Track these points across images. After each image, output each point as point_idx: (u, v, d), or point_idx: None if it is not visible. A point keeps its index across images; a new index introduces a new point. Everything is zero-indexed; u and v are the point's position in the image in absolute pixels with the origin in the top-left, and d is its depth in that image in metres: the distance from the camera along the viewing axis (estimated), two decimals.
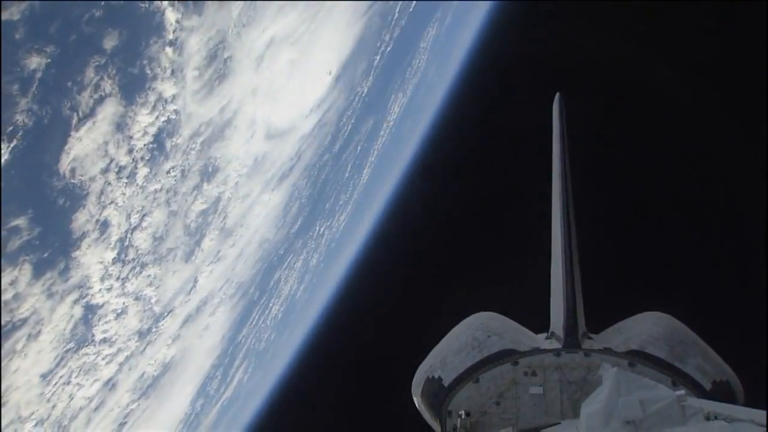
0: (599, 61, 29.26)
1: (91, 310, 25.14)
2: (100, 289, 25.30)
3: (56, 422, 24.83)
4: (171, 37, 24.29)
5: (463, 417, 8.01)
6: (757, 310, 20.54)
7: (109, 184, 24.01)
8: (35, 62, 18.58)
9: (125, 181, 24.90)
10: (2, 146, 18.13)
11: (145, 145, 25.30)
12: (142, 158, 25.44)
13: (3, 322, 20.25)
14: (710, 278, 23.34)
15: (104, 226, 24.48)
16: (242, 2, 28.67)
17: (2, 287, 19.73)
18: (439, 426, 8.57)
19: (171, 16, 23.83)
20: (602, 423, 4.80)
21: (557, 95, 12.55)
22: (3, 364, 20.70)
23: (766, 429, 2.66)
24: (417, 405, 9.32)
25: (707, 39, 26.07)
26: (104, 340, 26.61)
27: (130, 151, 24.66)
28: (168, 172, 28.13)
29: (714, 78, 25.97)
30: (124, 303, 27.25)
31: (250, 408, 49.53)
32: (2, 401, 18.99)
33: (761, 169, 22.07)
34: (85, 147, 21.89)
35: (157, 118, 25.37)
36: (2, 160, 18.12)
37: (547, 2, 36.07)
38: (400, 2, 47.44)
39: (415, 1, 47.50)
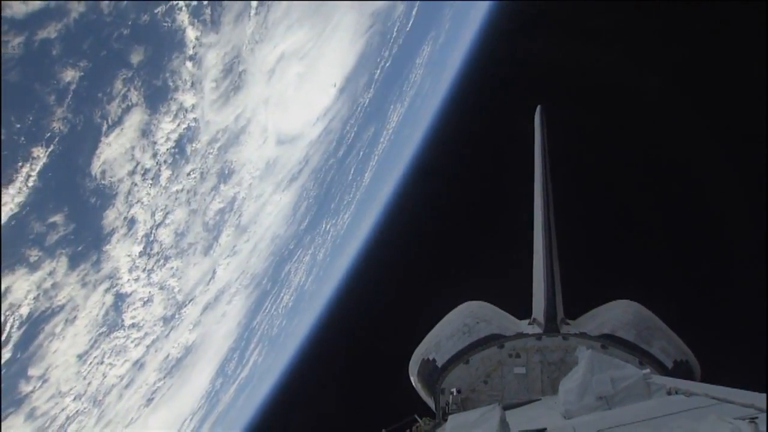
0: (584, 69, 28.74)
1: (120, 298, 25.18)
2: (129, 280, 25.32)
3: (92, 397, 24.96)
4: (191, 52, 24.24)
5: (454, 394, 8.13)
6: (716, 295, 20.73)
7: (136, 185, 23.99)
8: (70, 75, 18.57)
9: (150, 182, 24.87)
10: (40, 151, 18.14)
11: (167, 149, 25.27)
12: (165, 162, 25.41)
13: (43, 308, 20.31)
14: (676, 270, 23.51)
15: (131, 222, 24.49)
16: (255, 21, 28.58)
17: (42, 276, 19.78)
18: (433, 402, 8.69)
19: (191, 33, 23.78)
20: (578, 398, 4.92)
21: (539, 108, 12.62)
22: (44, 344, 20.79)
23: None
24: (414, 384, 9.43)
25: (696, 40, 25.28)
26: (133, 325, 26.66)
27: (155, 155, 24.63)
28: (188, 174, 28.09)
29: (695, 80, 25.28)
30: (150, 292, 27.26)
31: (265, 386, 49.67)
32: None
33: (733, 167, 21.76)
34: (114, 151, 21.88)
35: (178, 125, 25.32)
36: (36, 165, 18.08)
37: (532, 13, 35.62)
38: (398, 24, 47.35)
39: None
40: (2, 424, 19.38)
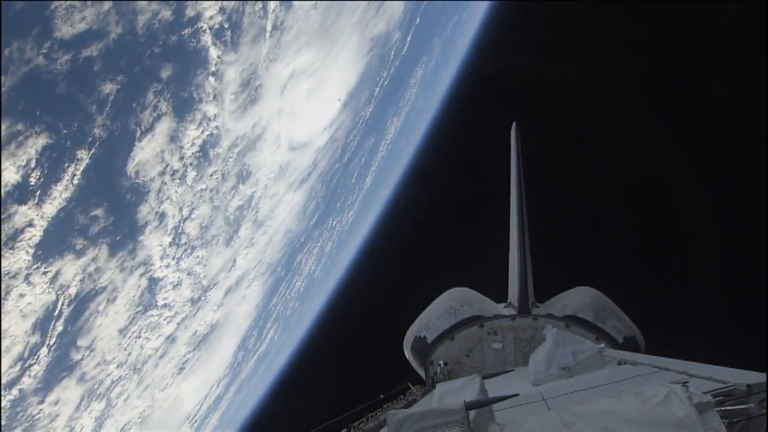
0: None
1: (154, 282, 25.01)
2: (160, 266, 25.14)
3: (132, 365, 24.94)
4: (213, 68, 23.97)
5: (442, 365, 8.33)
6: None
7: (166, 183, 23.78)
8: (109, 88, 18.36)
9: (178, 181, 24.65)
10: (84, 153, 17.93)
11: (193, 153, 25.05)
12: (191, 164, 25.19)
13: (88, 289, 20.14)
14: (626, 262, 23.80)
15: (162, 216, 24.31)
16: (270, 43, 28.23)
17: (87, 262, 19.57)
18: (423, 372, 8.88)
19: (214, 52, 23.50)
20: (545, 369, 5.09)
21: (514, 124, 12.67)
22: (90, 319, 20.61)
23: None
24: (407, 357, 9.61)
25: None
26: (165, 305, 26.52)
27: (182, 158, 24.40)
28: (211, 175, 27.83)
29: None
30: (179, 277, 27.10)
31: (280, 359, 49.70)
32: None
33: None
34: (146, 154, 21.69)
35: (202, 132, 25.09)
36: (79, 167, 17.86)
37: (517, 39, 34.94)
38: (395, 49, 47.02)
39: None
40: (55, 387, 19.32)
